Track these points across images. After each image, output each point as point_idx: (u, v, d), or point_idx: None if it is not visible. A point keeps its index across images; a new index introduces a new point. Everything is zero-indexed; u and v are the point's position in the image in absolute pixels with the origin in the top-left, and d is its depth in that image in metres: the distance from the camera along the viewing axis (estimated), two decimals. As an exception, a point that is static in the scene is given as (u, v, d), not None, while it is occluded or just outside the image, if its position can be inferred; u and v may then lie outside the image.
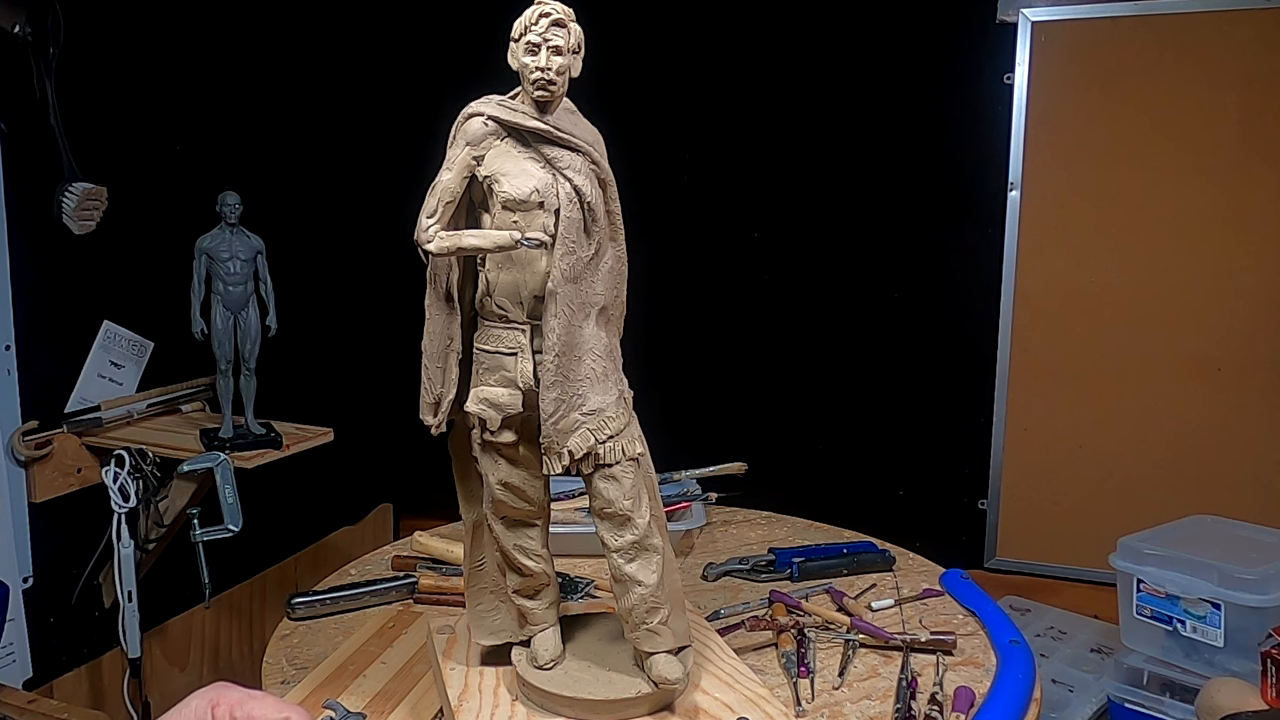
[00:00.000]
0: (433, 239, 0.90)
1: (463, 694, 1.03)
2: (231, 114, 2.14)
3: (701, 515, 1.58)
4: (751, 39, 2.45)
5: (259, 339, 1.84)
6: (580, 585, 1.41)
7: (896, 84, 2.37)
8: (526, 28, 0.91)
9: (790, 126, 2.46)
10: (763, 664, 1.21)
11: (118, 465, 1.57)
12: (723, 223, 2.54)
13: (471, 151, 0.92)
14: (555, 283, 0.90)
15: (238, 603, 2.25)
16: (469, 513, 1.06)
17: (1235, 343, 2.19)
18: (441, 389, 0.97)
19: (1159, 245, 2.22)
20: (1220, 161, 2.16)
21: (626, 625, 1.00)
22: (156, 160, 1.98)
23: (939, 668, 1.19)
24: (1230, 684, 1.40)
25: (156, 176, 1.97)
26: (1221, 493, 2.16)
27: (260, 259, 1.83)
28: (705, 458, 1.72)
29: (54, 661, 1.85)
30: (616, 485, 0.95)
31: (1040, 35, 2.25)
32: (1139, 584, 1.69)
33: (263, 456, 1.80)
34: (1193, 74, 2.15)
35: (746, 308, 2.55)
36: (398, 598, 1.40)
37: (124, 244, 1.87)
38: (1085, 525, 2.32)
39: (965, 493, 2.44)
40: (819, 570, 1.48)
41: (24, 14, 1.64)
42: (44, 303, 1.77)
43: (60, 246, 1.76)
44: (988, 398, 2.39)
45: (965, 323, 2.39)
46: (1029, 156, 2.29)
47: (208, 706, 0.65)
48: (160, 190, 1.97)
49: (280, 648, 1.29)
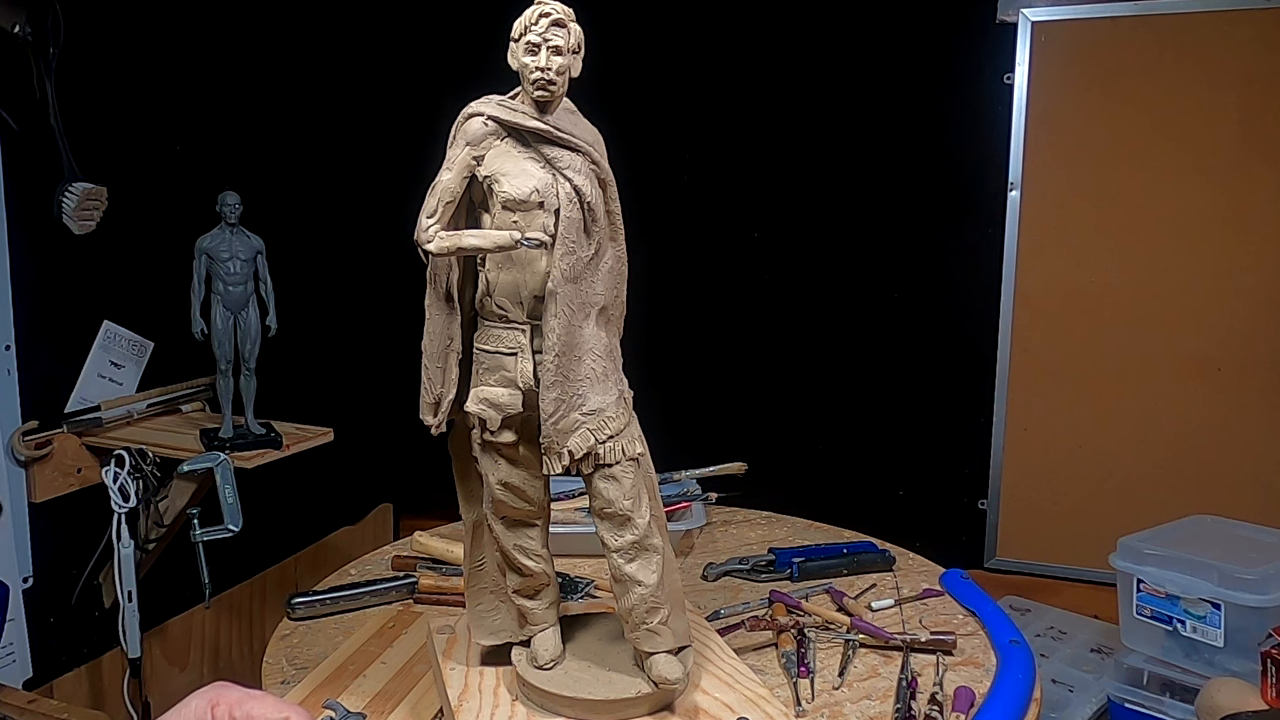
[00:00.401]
0: (433, 239, 0.90)
1: (463, 694, 1.03)
2: (231, 114, 2.14)
3: (701, 515, 1.58)
4: (751, 39, 2.45)
5: (259, 339, 1.84)
6: (580, 585, 1.41)
7: (897, 84, 2.37)
8: (526, 28, 0.91)
9: (790, 126, 2.46)
10: (763, 664, 1.21)
11: (118, 465, 1.57)
12: (723, 223, 2.54)
13: (471, 151, 0.92)
14: (555, 283, 0.90)
15: (238, 603, 2.25)
16: (469, 513, 1.06)
17: (1235, 343, 2.19)
18: (441, 389, 0.97)
19: (1159, 245, 2.22)
20: (1220, 161, 2.16)
21: (626, 625, 1.00)
22: (156, 160, 1.98)
23: (939, 668, 1.19)
24: (1230, 684, 1.40)
25: (156, 176, 1.97)
26: (1221, 493, 2.16)
27: (260, 259, 1.83)
28: (705, 458, 1.72)
29: (54, 661, 1.85)
30: (616, 485, 0.95)
31: (1040, 35, 2.25)
32: (1139, 584, 1.69)
33: (263, 456, 1.80)
34: (1193, 74, 2.15)
35: (746, 308, 2.55)
36: (398, 598, 1.40)
37: (124, 244, 1.87)
38: (1085, 525, 2.32)
39: (965, 493, 2.44)
40: (819, 570, 1.48)
41: (24, 14, 1.64)
42: (44, 303, 1.77)
43: (60, 246, 1.76)
44: (988, 398, 2.39)
45: (965, 323, 2.39)
46: (1029, 156, 2.29)
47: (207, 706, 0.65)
48: (160, 190, 1.97)
49: (280, 648, 1.29)
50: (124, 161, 1.88)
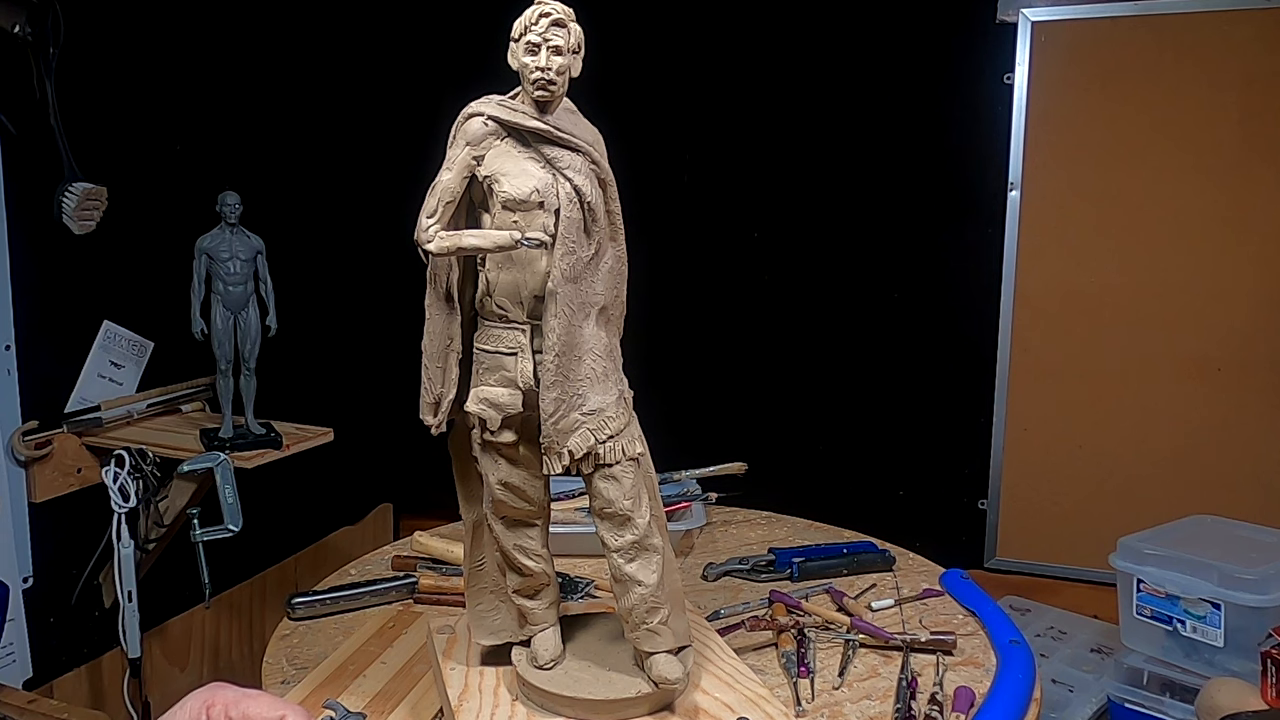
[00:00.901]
0: (433, 239, 0.90)
1: (463, 694, 1.03)
2: (231, 114, 2.14)
3: (701, 515, 1.58)
4: (751, 39, 2.45)
5: (259, 339, 1.84)
6: (580, 585, 1.41)
7: (897, 84, 2.37)
8: (526, 28, 0.91)
9: (790, 126, 2.46)
10: (763, 664, 1.21)
11: (118, 465, 1.57)
12: (723, 223, 2.54)
13: (471, 151, 0.92)
14: (555, 283, 0.90)
15: (238, 603, 2.25)
16: (469, 513, 1.06)
17: (1235, 343, 2.19)
18: (441, 389, 0.97)
19: (1159, 245, 2.22)
20: (1220, 161, 2.16)
21: (626, 625, 1.00)
22: (156, 160, 1.98)
23: (939, 668, 1.19)
24: (1230, 684, 1.40)
25: (156, 176, 1.97)
26: (1221, 493, 2.16)
27: (260, 259, 1.83)
28: (705, 458, 1.72)
29: (54, 661, 1.85)
30: (616, 485, 0.95)
31: (1040, 35, 2.25)
32: (1139, 584, 1.69)
33: (263, 456, 1.80)
34: (1193, 74, 2.15)
35: (746, 308, 2.55)
36: (398, 598, 1.40)
37: (124, 244, 1.87)
38: (1085, 525, 2.32)
39: (965, 493, 2.44)
40: (819, 570, 1.48)
41: (24, 14, 1.64)
42: (44, 303, 1.77)
43: (60, 246, 1.76)
44: (988, 398, 2.39)
45: (965, 323, 2.39)
46: (1029, 156, 2.29)
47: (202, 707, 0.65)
48: (160, 190, 1.97)
49: (280, 648, 1.29)
50: (124, 161, 1.88)
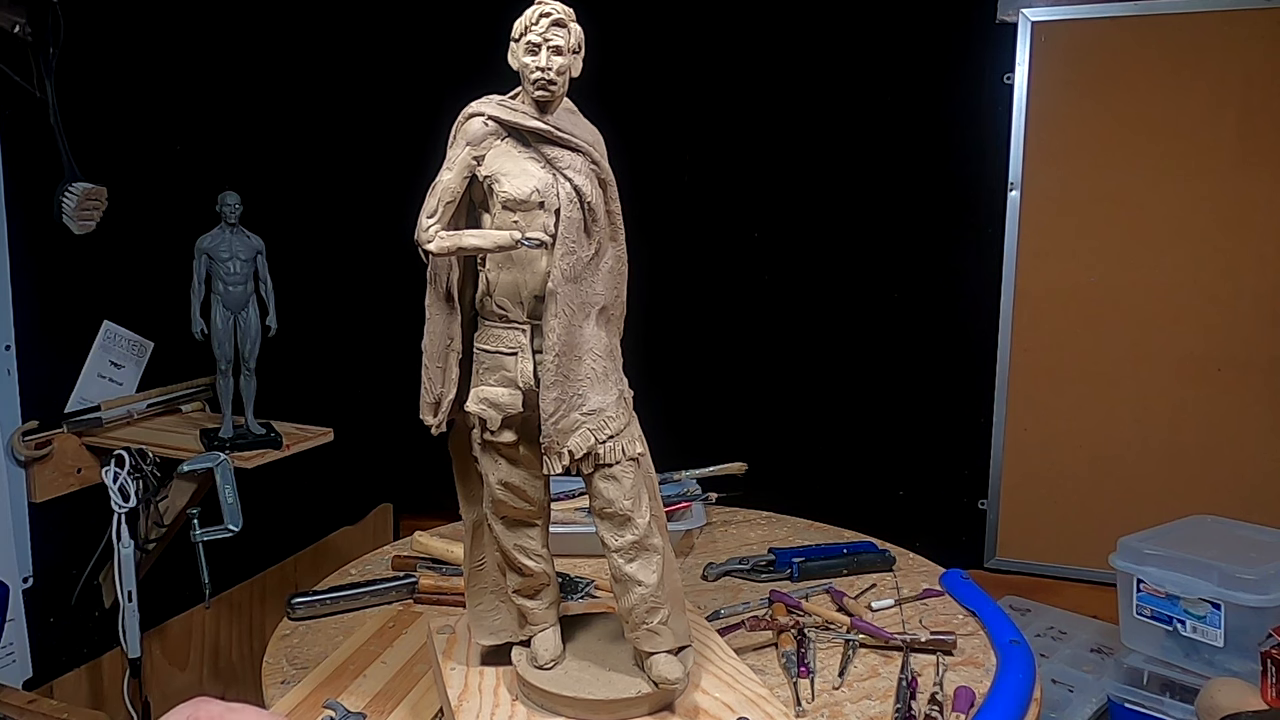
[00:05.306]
0: (433, 239, 0.90)
1: (463, 694, 1.03)
2: (231, 114, 2.14)
3: (701, 515, 1.58)
4: (751, 39, 2.45)
5: (259, 339, 1.84)
6: (580, 585, 1.41)
7: (896, 84, 2.37)
8: (527, 28, 0.91)
9: (790, 126, 2.46)
10: (763, 664, 1.21)
11: (118, 465, 1.57)
12: (723, 223, 2.54)
13: (472, 151, 0.92)
14: (555, 283, 0.90)
15: (238, 603, 2.25)
16: (469, 513, 1.06)
17: (1235, 343, 2.19)
18: (442, 389, 0.97)
19: (1159, 245, 2.22)
20: (1220, 161, 2.16)
21: (626, 625, 1.00)
22: (156, 160, 1.98)
23: (939, 668, 1.19)
24: (1230, 684, 1.40)
25: (156, 176, 1.97)
26: (1221, 493, 2.16)
27: (260, 259, 1.83)
28: (705, 458, 1.72)
29: (54, 661, 1.85)
30: (616, 485, 0.95)
31: (1040, 35, 2.25)
32: (1139, 584, 1.69)
33: (263, 456, 1.80)
34: (1192, 74, 2.15)
35: (746, 308, 2.55)
36: (398, 598, 1.40)
37: (124, 244, 1.87)
38: (1085, 525, 2.32)
39: (965, 493, 2.44)
40: (819, 570, 1.48)
41: (24, 14, 1.64)
42: (44, 303, 1.77)
43: (60, 246, 1.76)
44: (988, 398, 2.39)
45: (965, 323, 2.39)
46: (1029, 156, 2.29)
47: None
48: (160, 190, 1.97)
49: (280, 648, 1.29)
50: (124, 161, 1.88)
